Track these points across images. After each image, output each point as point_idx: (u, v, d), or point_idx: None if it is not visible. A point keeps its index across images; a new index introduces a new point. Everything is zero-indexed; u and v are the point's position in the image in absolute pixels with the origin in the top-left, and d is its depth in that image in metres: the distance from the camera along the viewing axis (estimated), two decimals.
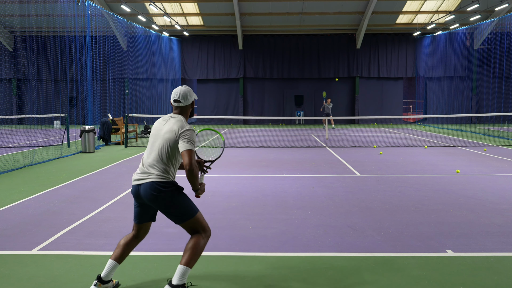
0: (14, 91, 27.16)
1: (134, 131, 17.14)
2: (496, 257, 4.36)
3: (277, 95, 28.16)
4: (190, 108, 3.73)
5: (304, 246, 4.71)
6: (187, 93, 3.67)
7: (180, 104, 3.65)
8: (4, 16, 24.28)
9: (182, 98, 3.64)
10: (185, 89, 3.67)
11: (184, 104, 3.66)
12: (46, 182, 8.43)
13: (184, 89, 3.67)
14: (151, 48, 24.13)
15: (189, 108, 3.73)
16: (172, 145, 3.49)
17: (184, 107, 3.68)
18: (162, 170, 3.47)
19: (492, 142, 15.38)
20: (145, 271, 4.05)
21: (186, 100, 3.66)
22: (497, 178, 8.60)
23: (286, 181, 8.45)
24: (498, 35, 21.58)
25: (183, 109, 3.68)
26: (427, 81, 27.93)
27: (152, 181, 3.43)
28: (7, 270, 4.08)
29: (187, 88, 3.70)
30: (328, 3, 23.55)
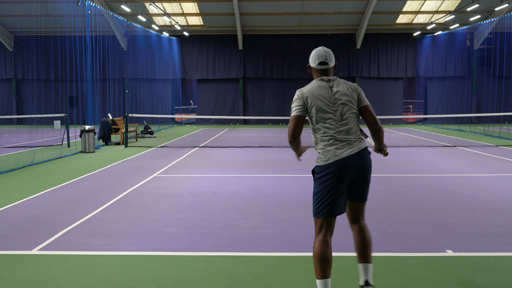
0: (14, 91, 27.16)
1: (134, 131, 17.14)
2: (496, 257, 4.36)
3: (277, 95, 28.16)
4: (333, 70, 3.44)
5: (304, 246, 4.71)
6: (331, 52, 3.39)
7: (327, 66, 3.35)
8: (4, 16, 24.27)
9: (328, 58, 3.35)
10: (327, 49, 3.39)
11: (331, 66, 3.37)
12: (46, 182, 8.42)
13: (326, 49, 3.38)
14: (151, 48, 24.13)
15: (333, 70, 3.44)
16: (356, 104, 3.27)
17: (330, 69, 3.38)
18: (359, 132, 3.29)
19: (492, 142, 15.38)
20: (145, 271, 4.05)
21: (332, 61, 3.37)
22: (497, 178, 8.60)
23: (286, 181, 8.45)
24: (498, 35, 21.57)
25: (329, 71, 3.37)
26: (427, 81, 27.93)
27: (364, 147, 3.23)
28: (7, 270, 4.08)
29: (326, 48, 3.41)
30: (328, 3, 23.54)
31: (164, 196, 7.15)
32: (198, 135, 19.46)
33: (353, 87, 3.35)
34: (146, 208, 6.36)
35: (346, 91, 3.29)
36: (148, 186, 8.01)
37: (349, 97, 3.28)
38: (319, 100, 3.25)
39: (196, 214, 6.05)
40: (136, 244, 4.78)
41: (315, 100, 3.26)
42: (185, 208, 6.35)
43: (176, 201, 6.83)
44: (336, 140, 3.21)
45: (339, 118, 3.24)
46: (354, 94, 3.31)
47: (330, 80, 3.33)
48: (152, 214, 6.06)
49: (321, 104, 3.25)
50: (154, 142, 16.52)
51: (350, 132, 3.24)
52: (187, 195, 7.20)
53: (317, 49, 3.40)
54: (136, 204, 6.64)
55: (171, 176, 9.00)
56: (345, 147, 3.19)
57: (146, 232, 5.22)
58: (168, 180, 8.61)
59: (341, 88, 3.30)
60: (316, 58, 3.37)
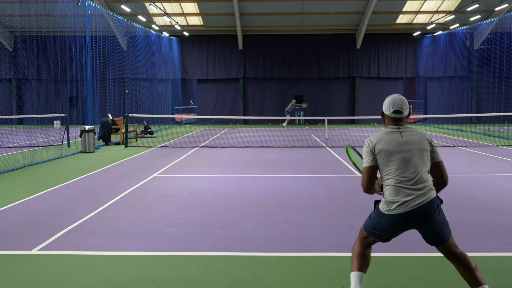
0: (14, 91, 27.16)
1: (134, 131, 17.14)
2: (496, 257, 4.36)
3: (277, 95, 28.16)
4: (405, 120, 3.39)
5: (304, 246, 4.71)
6: (405, 101, 3.32)
7: (402, 115, 3.28)
8: (4, 16, 24.27)
9: (403, 107, 3.28)
10: (403, 98, 3.32)
11: (405, 115, 3.29)
12: (46, 182, 8.43)
13: (402, 97, 3.32)
14: (151, 48, 24.12)
15: (405, 120, 3.38)
16: (427, 156, 3.19)
17: (403, 118, 3.31)
18: (430, 183, 3.18)
19: (492, 142, 15.38)
20: (145, 271, 4.05)
21: (406, 110, 3.30)
22: (497, 178, 8.60)
23: (286, 181, 8.45)
24: (498, 35, 21.57)
25: (402, 120, 3.30)
26: (427, 81, 27.92)
27: (433, 197, 3.11)
28: (7, 270, 4.08)
29: (402, 97, 3.34)
30: (328, 3, 23.54)
31: (164, 196, 7.15)
32: (198, 135, 19.46)
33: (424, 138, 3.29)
34: (146, 208, 6.36)
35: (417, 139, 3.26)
36: (148, 186, 8.01)
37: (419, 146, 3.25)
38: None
39: (196, 214, 6.05)
40: (136, 244, 4.78)
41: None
42: (185, 208, 6.35)
43: (176, 201, 6.83)
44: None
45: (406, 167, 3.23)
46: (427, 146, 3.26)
47: (402, 129, 3.29)
48: (152, 214, 6.06)
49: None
50: (154, 142, 16.53)
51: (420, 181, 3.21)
52: (187, 195, 7.20)
53: (393, 96, 3.34)
54: (136, 204, 6.64)
55: (171, 176, 9.00)
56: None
57: (146, 232, 5.22)
58: (168, 180, 8.61)
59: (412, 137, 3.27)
60: (391, 106, 3.30)
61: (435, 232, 3.16)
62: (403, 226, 3.16)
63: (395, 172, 3.15)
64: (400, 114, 3.27)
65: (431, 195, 3.10)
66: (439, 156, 3.23)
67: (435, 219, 3.11)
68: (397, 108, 3.26)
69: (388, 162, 3.19)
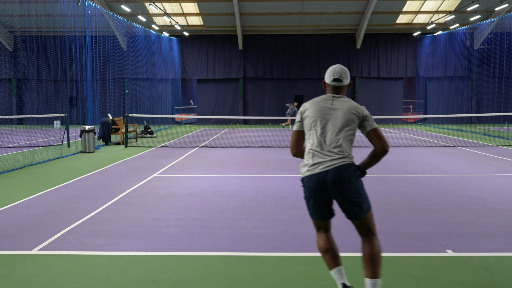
0: (14, 91, 27.16)
1: (134, 131, 17.14)
2: (496, 257, 4.36)
3: (277, 95, 28.16)
4: (347, 88, 3.42)
5: (304, 246, 4.71)
6: (346, 70, 3.36)
7: (341, 83, 3.33)
8: (4, 16, 24.27)
9: (344, 76, 3.33)
10: (343, 67, 3.37)
11: (345, 83, 3.35)
12: (46, 182, 8.42)
13: (342, 66, 3.37)
14: (151, 48, 24.13)
15: (346, 88, 3.42)
16: (354, 125, 3.21)
17: (343, 87, 3.36)
18: (349, 151, 3.19)
19: (492, 142, 15.38)
20: (145, 271, 4.05)
21: (346, 79, 3.35)
22: (497, 178, 8.60)
23: (286, 181, 8.45)
24: (498, 35, 21.57)
25: (342, 89, 3.36)
26: (427, 81, 27.92)
27: (344, 164, 3.11)
28: (7, 270, 4.08)
29: (342, 66, 3.38)
30: (328, 3, 23.54)
31: (164, 196, 7.15)
32: (198, 135, 19.45)
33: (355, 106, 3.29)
34: (146, 208, 6.36)
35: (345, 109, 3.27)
36: (148, 186, 8.01)
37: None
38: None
39: (196, 214, 6.05)
40: (136, 244, 4.78)
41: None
42: (185, 208, 6.35)
43: (176, 201, 6.83)
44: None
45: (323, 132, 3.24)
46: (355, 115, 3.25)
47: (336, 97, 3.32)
48: (152, 214, 6.06)
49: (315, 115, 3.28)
50: (154, 142, 16.52)
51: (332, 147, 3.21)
52: (187, 195, 7.20)
53: (335, 65, 3.41)
54: (136, 204, 6.64)
55: (171, 176, 9.00)
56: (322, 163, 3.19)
57: (146, 232, 5.22)
58: (168, 180, 8.61)
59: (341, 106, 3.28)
60: (331, 74, 3.36)
61: (346, 202, 3.12)
62: (316, 191, 3.15)
63: (313, 136, 3.22)
64: (339, 82, 3.33)
65: (342, 161, 3.11)
66: (373, 124, 3.22)
67: (343, 186, 3.08)
68: (336, 76, 3.32)
69: (310, 127, 3.26)
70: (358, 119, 3.23)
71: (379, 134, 3.22)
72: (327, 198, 3.20)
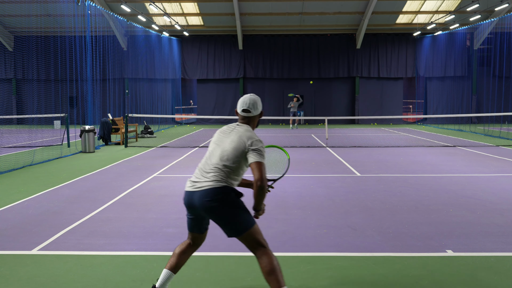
0: (14, 91, 27.16)
1: (134, 131, 17.14)
2: (496, 257, 4.36)
3: (277, 95, 28.16)
4: (258, 118, 3.46)
5: (304, 246, 4.71)
6: (257, 101, 3.39)
7: (250, 114, 3.38)
8: (4, 16, 24.27)
9: (252, 107, 3.37)
10: (254, 98, 3.39)
11: (254, 114, 3.39)
12: (46, 182, 8.42)
13: (253, 97, 3.39)
14: (151, 48, 24.13)
15: (257, 119, 3.46)
16: (239, 154, 3.19)
17: (252, 118, 3.41)
18: (223, 176, 3.18)
19: (492, 142, 15.38)
20: (145, 271, 4.05)
21: (256, 110, 3.39)
22: (497, 178, 8.60)
23: (286, 181, 8.45)
24: (498, 35, 21.56)
25: (251, 119, 3.41)
26: (427, 81, 27.92)
27: (211, 187, 3.15)
28: (7, 270, 4.08)
29: (256, 96, 3.42)
30: (328, 3, 23.54)
31: (164, 196, 7.15)
32: (198, 135, 19.45)
33: (247, 137, 3.24)
34: (146, 208, 6.36)
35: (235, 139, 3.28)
36: (148, 186, 8.01)
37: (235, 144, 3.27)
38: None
39: None
40: (136, 244, 4.78)
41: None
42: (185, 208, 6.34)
43: (176, 201, 6.83)
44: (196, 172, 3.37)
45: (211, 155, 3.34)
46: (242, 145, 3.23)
47: (239, 125, 3.39)
48: (152, 214, 6.06)
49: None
50: (154, 142, 16.53)
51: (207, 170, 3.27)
52: None
53: (246, 96, 3.43)
54: (136, 204, 6.64)
55: (171, 176, 9.00)
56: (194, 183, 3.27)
57: (146, 232, 5.22)
58: (168, 180, 8.61)
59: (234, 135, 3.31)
60: (241, 104, 3.42)
61: (216, 223, 3.25)
62: (187, 206, 3.29)
63: (204, 157, 3.38)
64: (247, 113, 3.38)
65: (209, 185, 3.16)
66: (254, 158, 3.14)
67: (206, 209, 3.16)
68: (245, 107, 3.38)
69: (208, 150, 3.41)
70: (244, 149, 3.20)
71: (256, 167, 3.12)
72: (197, 215, 3.30)
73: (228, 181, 3.19)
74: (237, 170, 3.23)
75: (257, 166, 3.10)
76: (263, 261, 3.15)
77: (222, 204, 3.14)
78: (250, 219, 3.22)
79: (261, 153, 3.17)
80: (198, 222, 3.35)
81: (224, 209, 3.15)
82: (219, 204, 3.14)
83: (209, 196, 3.13)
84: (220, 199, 3.13)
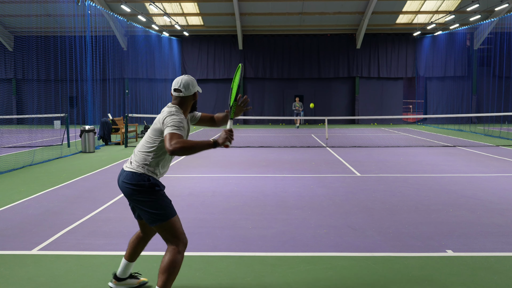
0: (14, 91, 27.16)
1: (134, 131, 17.14)
2: (496, 257, 4.36)
3: (277, 95, 28.17)
4: (191, 100, 3.40)
5: (304, 246, 4.71)
6: (189, 82, 3.35)
7: (180, 94, 3.33)
8: (4, 16, 24.27)
9: (183, 87, 3.32)
10: (187, 78, 3.36)
11: (185, 94, 3.33)
12: (46, 182, 8.42)
13: (186, 78, 3.36)
14: (151, 48, 24.13)
15: (190, 100, 3.39)
16: (157, 133, 3.23)
17: (184, 98, 3.35)
18: (139, 161, 3.26)
19: (492, 142, 15.38)
20: (144, 271, 4.05)
21: (188, 90, 3.33)
22: (497, 178, 8.60)
23: (286, 181, 8.45)
24: (498, 35, 21.56)
25: (182, 100, 3.35)
26: (427, 81, 27.92)
27: (126, 171, 3.28)
28: (7, 270, 4.08)
29: (190, 77, 3.38)
30: (328, 3, 23.54)
31: None
32: (198, 135, 19.45)
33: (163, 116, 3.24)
34: None
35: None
36: None
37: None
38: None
39: (196, 214, 6.05)
40: None
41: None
42: (185, 208, 6.35)
43: (176, 201, 6.80)
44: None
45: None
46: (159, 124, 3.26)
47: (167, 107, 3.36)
48: None
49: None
50: None
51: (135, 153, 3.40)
52: (187, 195, 7.20)
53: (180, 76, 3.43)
54: None
55: (171, 176, 8.99)
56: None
57: None
58: (168, 180, 8.61)
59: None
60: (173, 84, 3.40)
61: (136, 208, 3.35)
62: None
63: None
64: (177, 92, 3.35)
65: (129, 168, 3.28)
66: (166, 131, 3.09)
67: (124, 191, 3.29)
68: (176, 86, 3.36)
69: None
70: (161, 127, 3.20)
71: (165, 138, 3.07)
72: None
73: (147, 169, 3.25)
74: (153, 152, 3.26)
75: (165, 137, 3.06)
76: (165, 257, 3.19)
77: (137, 191, 3.21)
78: (165, 212, 3.22)
79: (172, 125, 3.08)
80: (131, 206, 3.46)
81: (138, 197, 3.22)
82: (133, 190, 3.23)
83: (126, 179, 3.27)
84: (134, 185, 3.22)
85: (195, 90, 3.40)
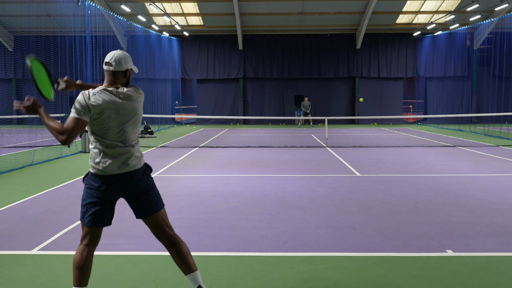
0: (14, 91, 27.16)
1: None
2: (496, 257, 4.36)
3: (277, 95, 28.16)
4: (122, 77, 3.15)
5: (304, 246, 4.71)
6: (122, 57, 3.10)
7: (110, 68, 3.09)
8: (4, 16, 24.27)
9: (114, 61, 3.08)
10: (121, 52, 3.12)
11: (115, 69, 3.09)
12: (46, 182, 8.42)
13: (120, 52, 3.13)
14: (151, 48, 24.12)
15: (121, 77, 3.15)
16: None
17: (115, 73, 3.11)
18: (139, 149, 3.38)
19: (492, 142, 15.38)
20: (145, 271, 4.05)
21: (119, 65, 3.09)
22: (497, 178, 8.60)
23: (286, 181, 8.45)
24: (498, 35, 21.55)
25: (114, 76, 3.12)
26: (427, 81, 27.92)
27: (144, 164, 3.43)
28: (7, 270, 4.08)
29: (124, 53, 3.15)
30: (328, 3, 23.54)
31: (164, 196, 7.11)
32: (198, 135, 19.45)
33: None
34: None
35: None
36: None
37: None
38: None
39: (196, 214, 6.05)
40: (136, 244, 4.78)
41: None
42: (185, 208, 6.35)
43: (176, 201, 6.82)
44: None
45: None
46: None
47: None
48: None
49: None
50: (154, 142, 16.52)
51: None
52: (187, 195, 7.20)
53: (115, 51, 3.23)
54: None
55: (171, 176, 9.00)
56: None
57: (146, 232, 5.20)
58: (168, 180, 8.61)
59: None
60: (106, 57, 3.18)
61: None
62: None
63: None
64: (108, 66, 3.11)
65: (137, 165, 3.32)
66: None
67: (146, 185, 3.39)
68: (107, 59, 3.12)
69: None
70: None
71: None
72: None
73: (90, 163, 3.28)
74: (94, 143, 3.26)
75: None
76: (75, 255, 3.13)
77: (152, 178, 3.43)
78: (82, 214, 3.18)
79: (73, 108, 2.99)
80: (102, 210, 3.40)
81: (153, 181, 3.46)
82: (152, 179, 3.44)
83: (148, 171, 3.43)
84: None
85: (127, 66, 3.15)
